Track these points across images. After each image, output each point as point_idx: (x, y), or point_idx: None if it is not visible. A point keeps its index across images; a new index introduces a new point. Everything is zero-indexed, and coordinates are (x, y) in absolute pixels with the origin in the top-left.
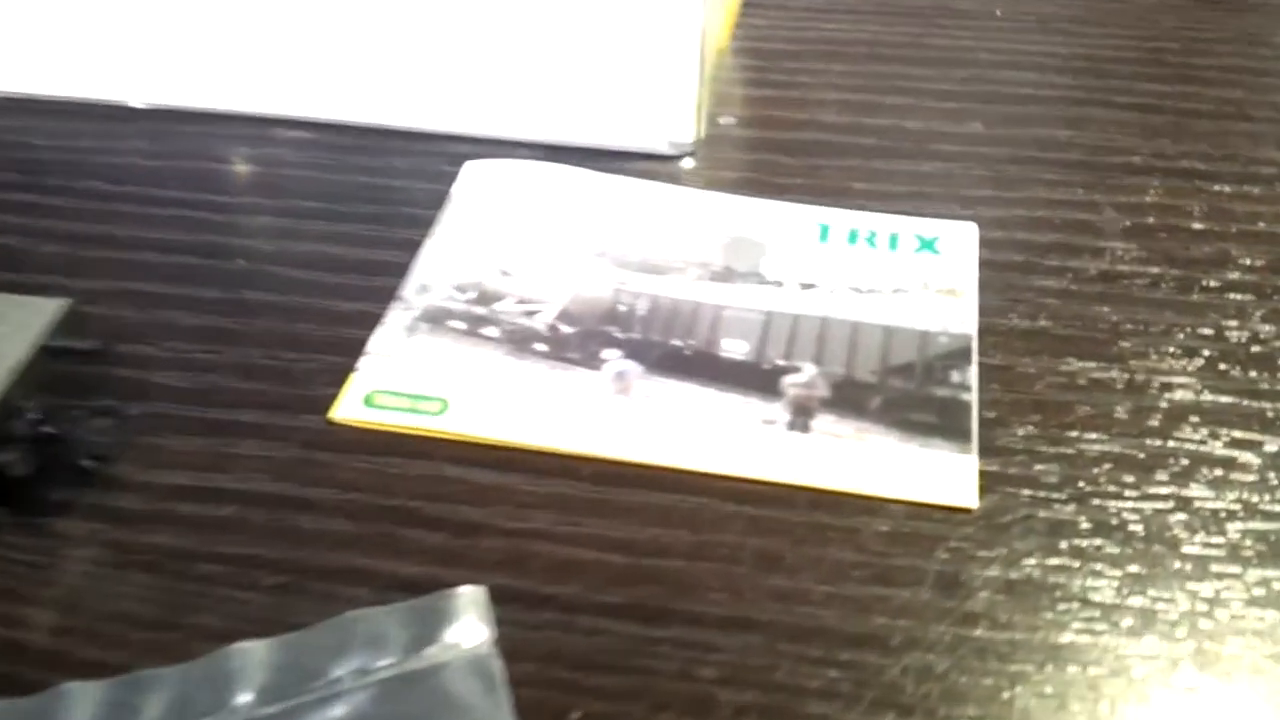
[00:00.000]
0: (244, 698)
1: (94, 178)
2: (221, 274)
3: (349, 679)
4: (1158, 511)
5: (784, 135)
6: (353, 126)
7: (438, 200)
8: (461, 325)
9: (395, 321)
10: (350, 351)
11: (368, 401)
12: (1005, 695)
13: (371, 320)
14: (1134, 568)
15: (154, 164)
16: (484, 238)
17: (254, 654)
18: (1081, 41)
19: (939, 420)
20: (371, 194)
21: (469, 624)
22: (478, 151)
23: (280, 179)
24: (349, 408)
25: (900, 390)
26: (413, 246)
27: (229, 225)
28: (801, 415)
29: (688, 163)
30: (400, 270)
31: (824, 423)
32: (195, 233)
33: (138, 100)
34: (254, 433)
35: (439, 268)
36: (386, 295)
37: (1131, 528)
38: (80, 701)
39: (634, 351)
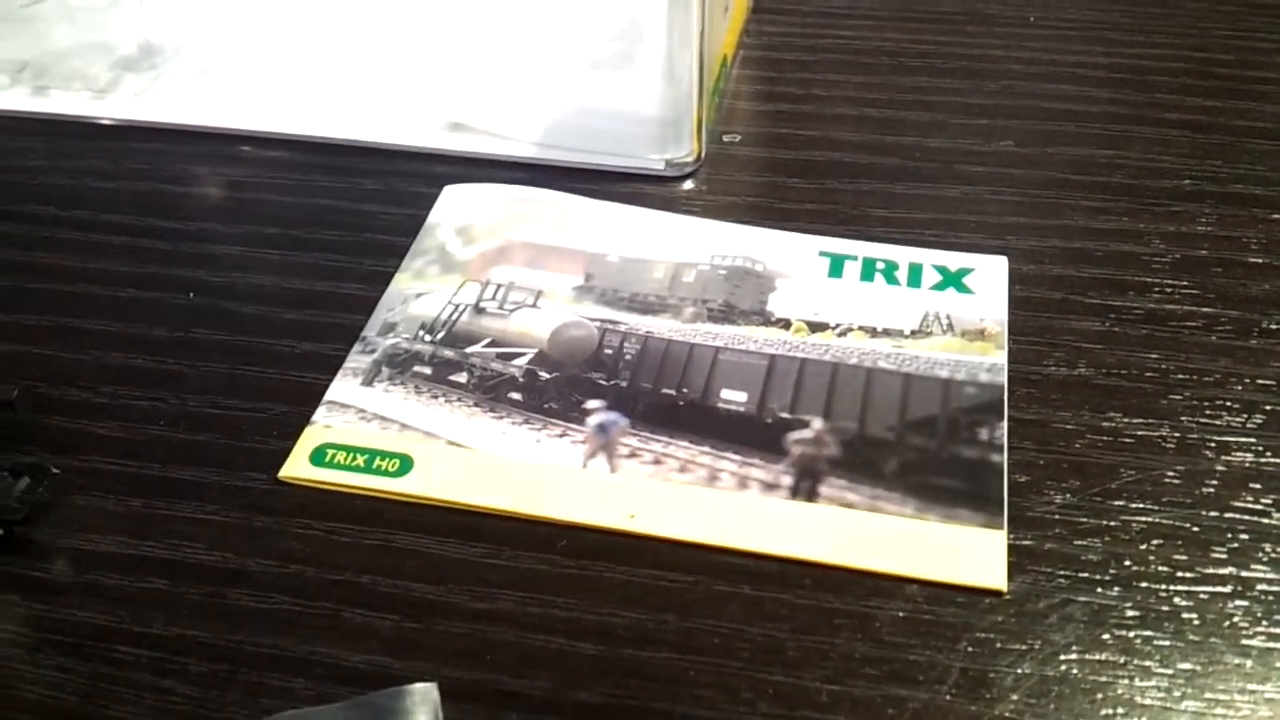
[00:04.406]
0: None
1: (40, 201)
2: (169, 310)
3: None
4: (1214, 596)
5: (794, 155)
6: (327, 144)
7: (412, 227)
8: (428, 370)
9: (355, 365)
10: (305, 400)
11: (319, 458)
12: None
13: (330, 364)
14: (1187, 664)
15: (107, 185)
16: (457, 271)
17: None
18: (1123, 51)
19: (964, 486)
20: (339, 219)
21: None
22: (459, 172)
23: (242, 203)
24: (298, 465)
25: (920, 450)
26: (381, 279)
27: (180, 255)
28: (808, 479)
29: (687, 184)
30: (365, 306)
31: (833, 488)
32: (143, 263)
33: (101, 115)
34: (193, 493)
35: (407, 305)
36: (349, 334)
37: (1185, 615)
38: None
39: (620, 401)
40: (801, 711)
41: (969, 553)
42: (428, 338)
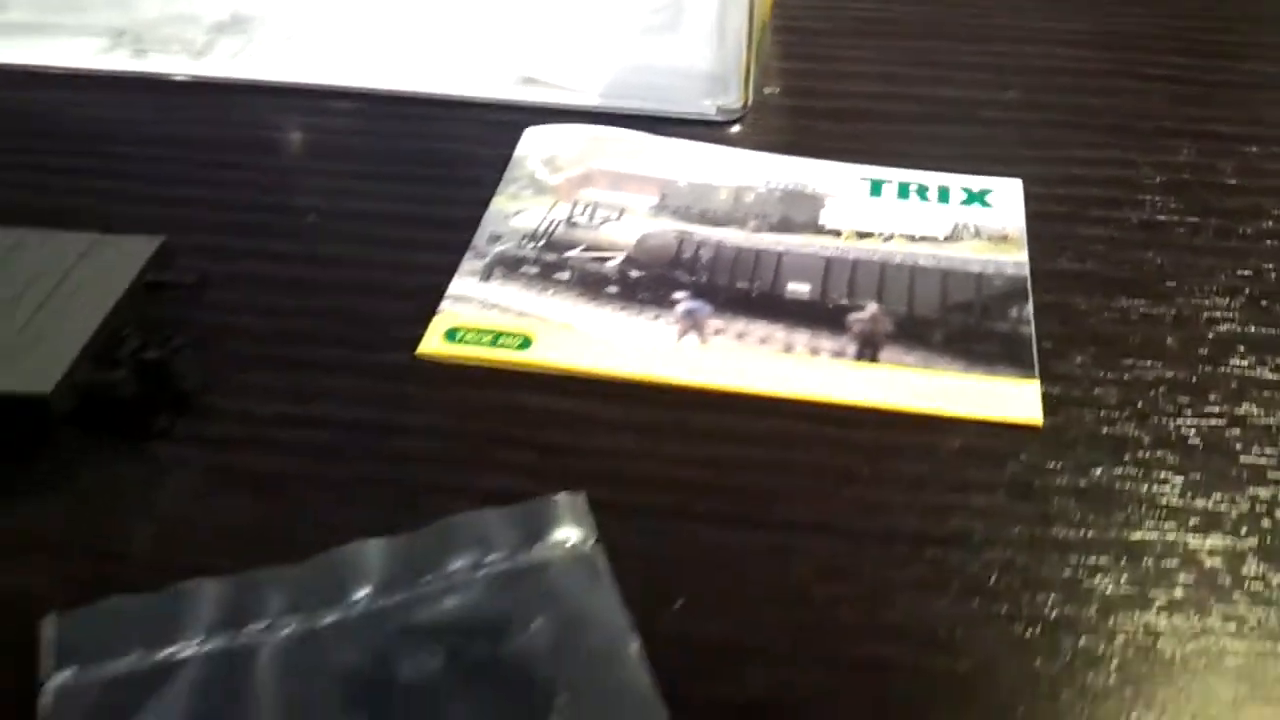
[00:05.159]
0: (361, 591)
1: (157, 144)
2: (295, 230)
3: (461, 573)
4: (1214, 428)
5: (826, 104)
6: (408, 97)
7: (499, 162)
8: (534, 270)
9: (470, 267)
10: (428, 297)
11: (451, 337)
12: (1085, 585)
13: (445, 269)
14: (1196, 475)
15: (214, 133)
16: (549, 193)
17: (369, 551)
18: (1108, 20)
19: (1001, 350)
20: (432, 158)
21: (571, 525)
22: (532, 121)
23: (337, 146)
24: (434, 343)
25: (962, 325)
26: (479, 204)
27: (295, 186)
28: (869, 347)
29: (735, 129)
30: (468, 225)
31: (891, 353)
32: (263, 193)
33: (201, 74)
34: (343, 367)
35: (508, 220)
36: (458, 247)
37: (1191, 442)
38: (205, 596)
39: (701, 293)
40: (878, 517)
41: (1009, 398)
42: (530, 245)
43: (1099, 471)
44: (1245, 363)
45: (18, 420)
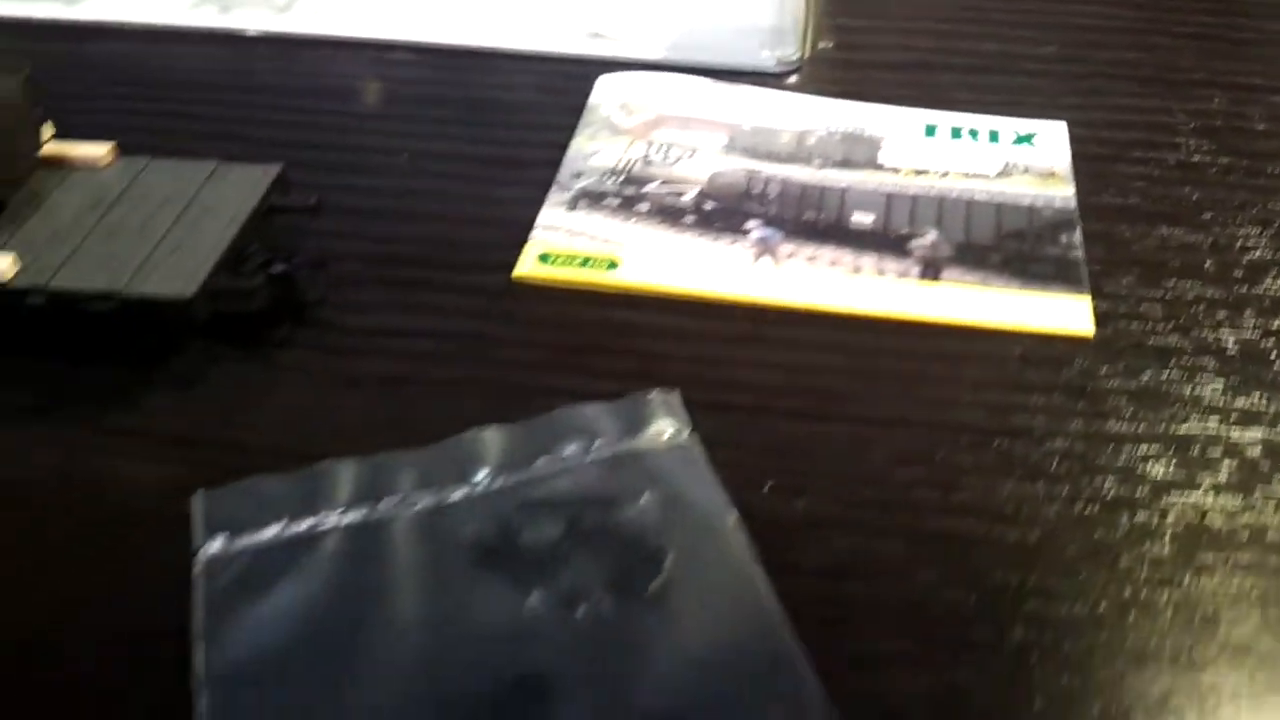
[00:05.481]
0: (482, 472)
1: (249, 92)
2: (390, 168)
3: (571, 458)
4: (1250, 340)
5: (876, 57)
6: (477, 51)
7: (573, 108)
8: (616, 202)
9: (557, 199)
10: (517, 227)
11: (544, 260)
12: (1139, 470)
13: (530, 203)
14: (1235, 379)
15: (302, 83)
16: (624, 135)
17: (486, 438)
18: None
19: (1054, 270)
20: (508, 106)
21: (667, 418)
22: (598, 72)
23: (418, 96)
24: (528, 265)
25: (1016, 250)
26: (555, 147)
27: (384, 131)
28: (931, 269)
29: (792, 79)
30: (547, 165)
31: (952, 274)
32: (356, 137)
33: (266, 29)
34: (445, 288)
35: (588, 159)
36: (541, 184)
37: (1229, 352)
38: (340, 475)
39: (772, 222)
40: (946, 413)
41: (1063, 311)
42: (610, 180)
43: (1147, 375)
44: (1278, 284)
45: (157, 325)
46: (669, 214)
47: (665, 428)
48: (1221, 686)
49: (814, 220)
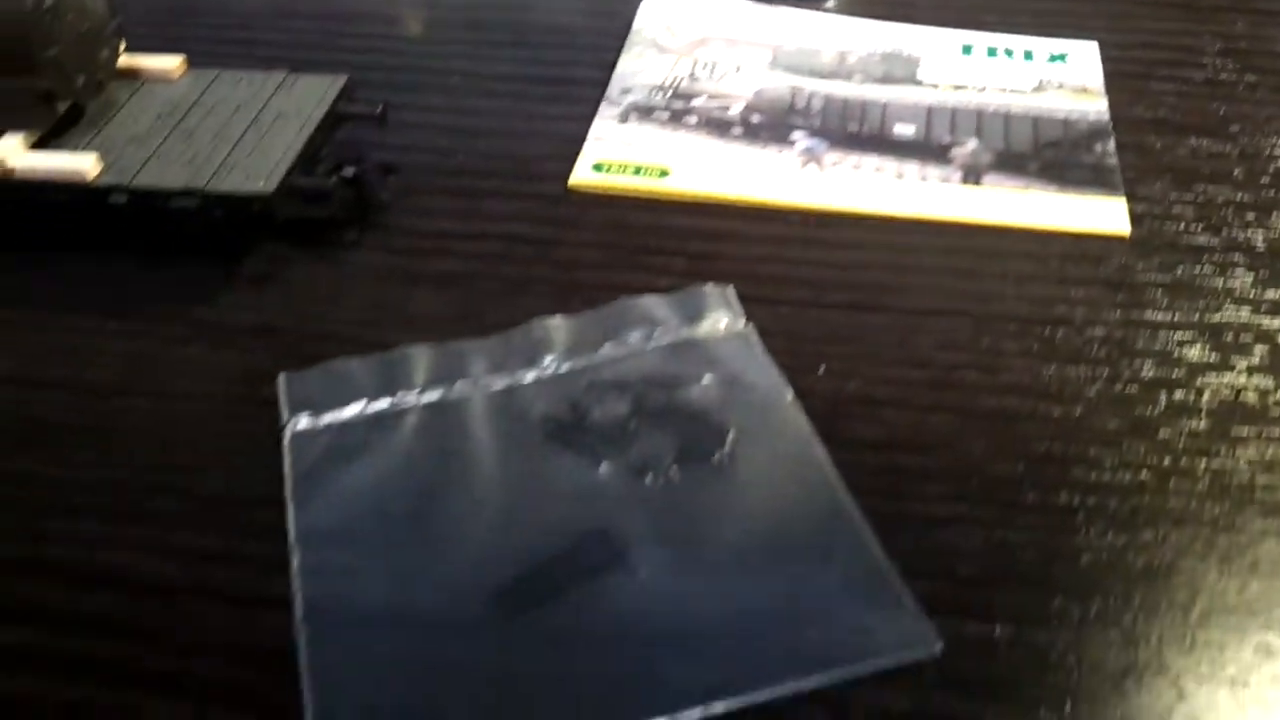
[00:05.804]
0: (549, 357)
1: (291, 18)
2: (440, 87)
3: (634, 343)
4: (1278, 238)
5: None
6: None
7: (616, 33)
8: (665, 115)
9: (608, 113)
10: (569, 141)
11: (598, 169)
12: (1176, 354)
13: (582, 117)
14: (1264, 272)
15: (349, 6)
16: (669, 54)
17: (553, 325)
18: None
19: (1090, 176)
20: (553, 29)
21: (723, 310)
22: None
23: (463, 21)
24: (583, 173)
25: (1054, 158)
26: (602, 67)
27: (435, 54)
28: (972, 175)
29: (831, 3)
30: (595, 84)
31: (993, 179)
32: (408, 59)
33: None
34: (504, 194)
35: (636, 76)
36: (591, 100)
37: (1258, 249)
38: (416, 359)
39: (817, 133)
40: (991, 304)
41: (1100, 213)
42: (659, 95)
43: (1180, 270)
44: None
45: (237, 221)
46: (716, 126)
47: (722, 317)
48: (1258, 546)
49: (857, 131)
